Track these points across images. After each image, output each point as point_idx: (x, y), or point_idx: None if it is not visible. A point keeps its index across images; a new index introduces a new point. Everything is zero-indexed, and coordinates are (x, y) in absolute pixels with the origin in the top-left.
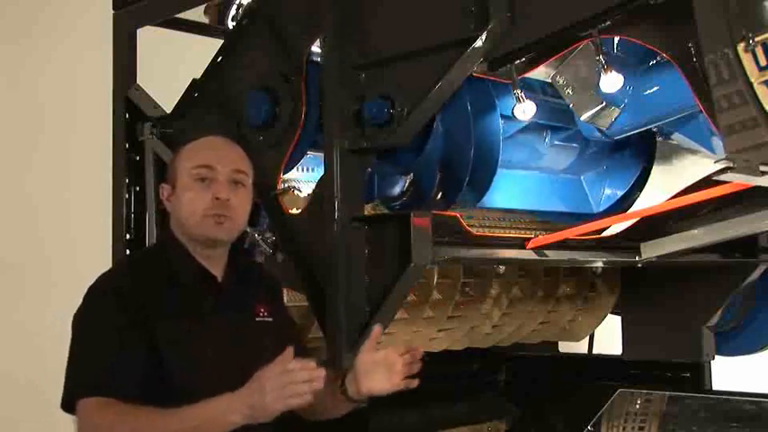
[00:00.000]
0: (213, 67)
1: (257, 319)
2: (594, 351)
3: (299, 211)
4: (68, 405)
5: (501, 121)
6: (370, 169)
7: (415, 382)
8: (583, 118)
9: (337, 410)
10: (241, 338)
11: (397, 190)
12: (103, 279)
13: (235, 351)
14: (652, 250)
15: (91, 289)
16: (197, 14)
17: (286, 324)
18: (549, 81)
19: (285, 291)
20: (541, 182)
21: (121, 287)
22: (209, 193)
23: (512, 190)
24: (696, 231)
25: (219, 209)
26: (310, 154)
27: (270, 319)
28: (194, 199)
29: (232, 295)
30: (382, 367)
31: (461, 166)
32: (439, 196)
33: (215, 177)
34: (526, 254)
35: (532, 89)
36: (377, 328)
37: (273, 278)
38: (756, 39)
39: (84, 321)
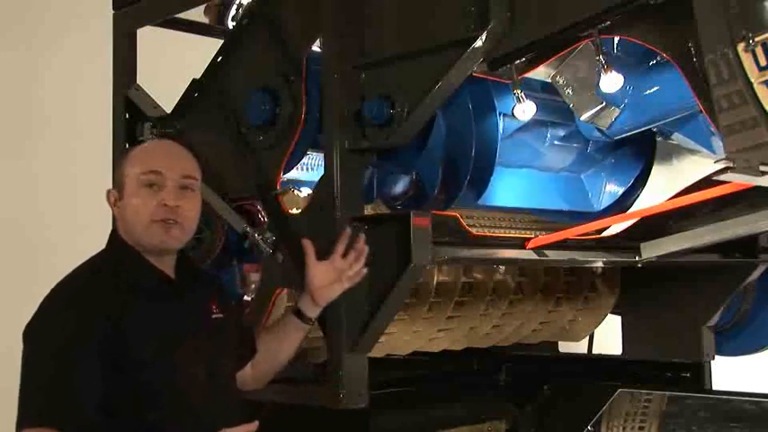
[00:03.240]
0: (213, 67)
1: (213, 316)
2: (594, 351)
3: (299, 211)
4: (17, 429)
5: (500, 120)
6: (372, 168)
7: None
8: (583, 118)
9: (292, 345)
10: (203, 338)
11: (398, 189)
12: (63, 288)
13: (199, 352)
14: (652, 250)
15: (49, 298)
16: (197, 14)
17: (236, 315)
18: (549, 80)
19: (285, 291)
20: (542, 180)
21: (83, 296)
22: (156, 200)
23: (512, 188)
24: (696, 231)
25: (167, 214)
26: (310, 154)
27: (221, 316)
28: (141, 205)
29: (187, 296)
30: (333, 274)
31: (462, 164)
32: (437, 195)
33: (163, 183)
34: (526, 254)
35: (531, 87)
36: (306, 242)
37: (213, 275)
38: (756, 39)
39: (37, 339)
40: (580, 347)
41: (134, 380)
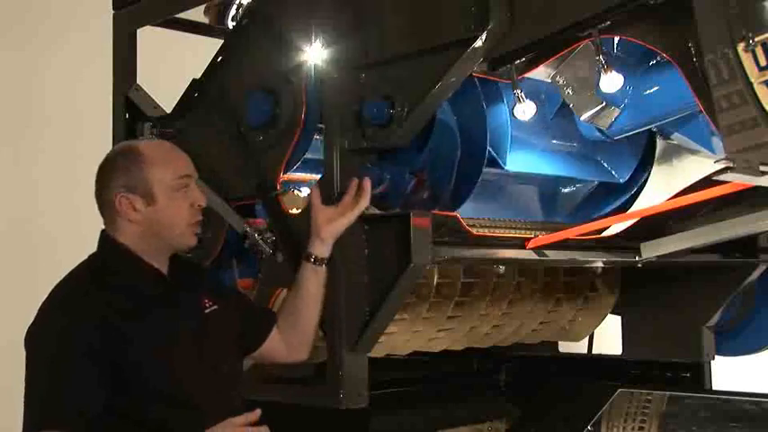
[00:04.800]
0: (213, 67)
1: (206, 311)
2: (594, 351)
3: (299, 211)
4: None
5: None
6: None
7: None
8: (583, 118)
9: (312, 297)
10: (200, 333)
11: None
12: (59, 293)
13: (197, 347)
14: (652, 250)
15: (43, 306)
16: (197, 14)
17: (238, 303)
18: (549, 80)
19: (285, 291)
20: (559, 155)
21: (80, 300)
22: (187, 202)
23: (532, 158)
24: (696, 231)
25: (198, 216)
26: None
27: (215, 308)
28: (179, 209)
29: (181, 293)
30: (337, 211)
31: (474, 166)
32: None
33: (189, 185)
34: (526, 254)
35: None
36: (313, 188)
37: (203, 268)
38: (756, 39)
39: (35, 345)
40: (580, 347)
41: (134, 381)
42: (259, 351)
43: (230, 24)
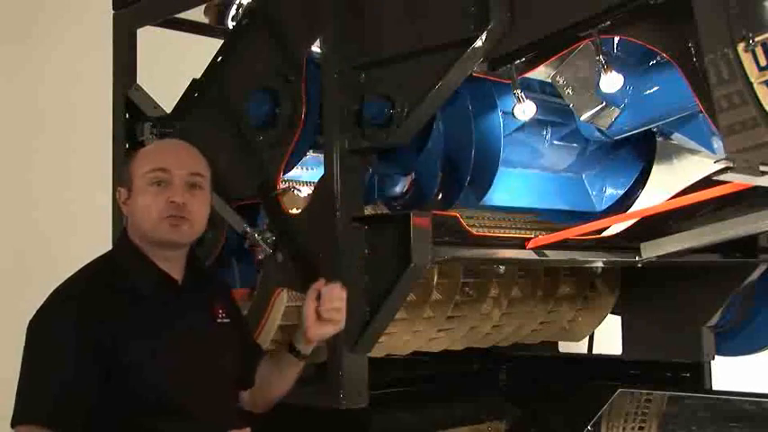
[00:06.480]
0: (213, 67)
1: (217, 320)
2: (594, 351)
3: (299, 211)
4: (12, 426)
5: (501, 119)
6: (370, 170)
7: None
8: (583, 118)
9: (286, 381)
10: (205, 341)
11: (398, 190)
12: (64, 289)
13: (200, 354)
14: (652, 250)
15: (51, 299)
16: (197, 14)
17: (242, 325)
18: (549, 80)
19: (285, 291)
20: (543, 180)
21: (83, 298)
22: (164, 197)
23: (513, 189)
24: (696, 231)
25: (175, 211)
26: (310, 154)
27: (227, 320)
28: (149, 203)
29: (192, 298)
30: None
31: (463, 165)
32: (440, 196)
33: (170, 181)
34: (526, 254)
35: (531, 87)
36: (318, 283)
37: (223, 279)
38: (756, 39)
39: (38, 336)
40: (580, 347)
41: (130, 383)
42: None
43: (230, 24)
